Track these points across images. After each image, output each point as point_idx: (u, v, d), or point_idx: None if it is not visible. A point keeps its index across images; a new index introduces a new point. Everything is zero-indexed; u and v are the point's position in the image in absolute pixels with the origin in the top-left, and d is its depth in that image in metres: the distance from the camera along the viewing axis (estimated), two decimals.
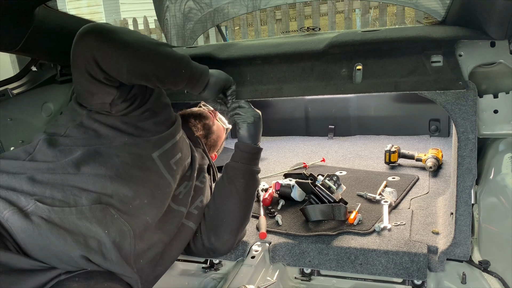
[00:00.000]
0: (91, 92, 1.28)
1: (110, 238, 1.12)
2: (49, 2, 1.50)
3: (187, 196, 1.42)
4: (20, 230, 1.04)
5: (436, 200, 1.79)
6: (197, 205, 1.47)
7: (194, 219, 1.45)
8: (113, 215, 1.16)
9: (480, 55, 1.40)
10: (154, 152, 1.32)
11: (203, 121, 1.80)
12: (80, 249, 1.08)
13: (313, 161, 2.43)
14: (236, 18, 6.66)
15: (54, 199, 1.12)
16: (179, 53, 1.32)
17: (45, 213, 1.08)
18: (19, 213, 1.06)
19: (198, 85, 1.38)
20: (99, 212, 1.13)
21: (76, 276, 1.09)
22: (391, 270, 1.42)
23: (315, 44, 1.61)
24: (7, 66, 3.23)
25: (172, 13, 2.65)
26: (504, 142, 1.40)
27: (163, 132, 1.38)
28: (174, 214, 1.36)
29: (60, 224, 1.08)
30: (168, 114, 1.45)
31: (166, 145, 1.37)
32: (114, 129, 1.30)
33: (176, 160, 1.39)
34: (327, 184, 1.71)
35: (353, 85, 1.48)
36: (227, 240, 1.49)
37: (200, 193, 1.50)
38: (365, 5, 6.08)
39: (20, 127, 1.79)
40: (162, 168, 1.33)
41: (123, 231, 1.16)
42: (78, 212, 1.11)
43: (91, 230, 1.11)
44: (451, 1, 1.64)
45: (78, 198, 1.14)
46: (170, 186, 1.33)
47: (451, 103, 1.39)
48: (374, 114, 2.84)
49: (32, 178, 1.15)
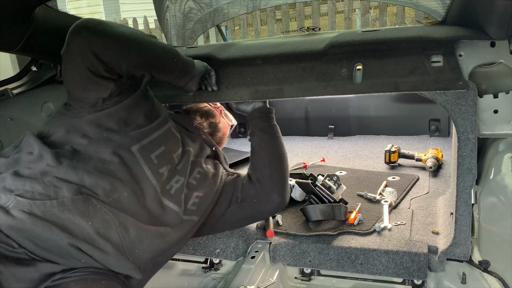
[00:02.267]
0: (88, 89, 1.29)
1: (94, 229, 1.13)
2: (49, 2, 1.50)
3: (179, 192, 1.39)
4: (6, 227, 1.06)
5: (436, 200, 1.79)
6: (194, 201, 1.45)
7: (195, 213, 1.44)
8: (95, 205, 1.16)
9: (480, 55, 1.40)
10: (133, 145, 1.32)
11: (210, 120, 1.82)
12: (67, 237, 1.09)
13: (313, 161, 2.43)
14: (236, 18, 6.66)
15: (35, 193, 1.12)
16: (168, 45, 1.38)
17: (26, 207, 1.09)
18: (1, 211, 1.07)
19: (187, 75, 1.47)
20: (81, 204, 1.14)
21: (72, 276, 1.09)
22: (391, 270, 1.42)
23: (315, 44, 1.61)
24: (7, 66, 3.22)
25: (172, 13, 2.65)
26: (504, 142, 1.40)
27: (146, 126, 1.38)
28: (168, 211, 1.34)
29: (42, 217, 1.09)
30: (150, 107, 1.45)
31: (147, 138, 1.37)
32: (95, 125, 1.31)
33: (158, 154, 1.37)
34: (327, 184, 1.72)
35: (353, 85, 1.48)
36: (287, 190, 1.60)
37: (194, 189, 1.46)
38: (365, 5, 6.08)
39: (20, 127, 1.79)
40: (142, 161, 1.32)
41: (106, 220, 1.16)
42: (59, 205, 1.11)
43: (74, 222, 1.11)
44: (451, 1, 1.64)
45: (59, 190, 1.14)
46: (149, 180, 1.31)
47: (451, 103, 1.39)
48: (374, 114, 2.84)
49: (15, 173, 1.16)
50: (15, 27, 1.43)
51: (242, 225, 1.66)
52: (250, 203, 1.55)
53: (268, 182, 1.55)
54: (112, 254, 1.15)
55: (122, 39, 1.26)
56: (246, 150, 2.73)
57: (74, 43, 1.22)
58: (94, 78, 1.25)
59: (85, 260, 1.12)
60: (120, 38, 1.26)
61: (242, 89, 1.61)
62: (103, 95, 1.30)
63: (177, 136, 1.51)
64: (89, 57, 1.21)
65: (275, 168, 1.58)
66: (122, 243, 1.18)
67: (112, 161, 1.26)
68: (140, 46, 1.29)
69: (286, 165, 1.62)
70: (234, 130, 3.18)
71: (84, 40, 1.21)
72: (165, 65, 1.39)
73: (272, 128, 1.65)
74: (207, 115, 1.81)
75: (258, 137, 1.63)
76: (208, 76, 1.60)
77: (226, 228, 1.63)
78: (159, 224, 1.30)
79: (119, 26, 1.30)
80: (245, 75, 1.62)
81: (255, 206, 1.55)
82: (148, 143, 1.36)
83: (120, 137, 1.31)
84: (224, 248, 1.61)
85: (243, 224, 1.65)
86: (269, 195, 1.54)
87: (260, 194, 1.54)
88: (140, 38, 1.31)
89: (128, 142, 1.32)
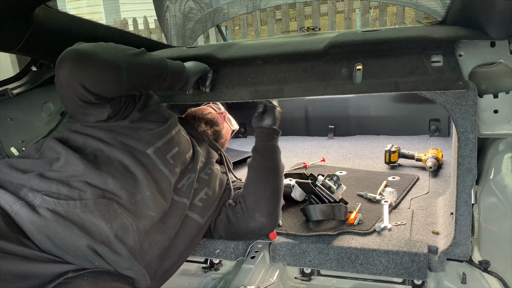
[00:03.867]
0: (85, 114, 1.32)
1: (113, 232, 1.16)
2: (49, 2, 1.50)
3: (189, 188, 1.45)
4: (28, 222, 1.09)
5: (436, 200, 1.79)
6: (202, 197, 1.50)
7: (199, 212, 1.47)
8: (116, 210, 1.19)
9: (480, 55, 1.40)
10: (148, 148, 1.36)
11: (214, 128, 1.85)
12: (86, 238, 1.12)
13: (313, 161, 2.43)
14: (236, 18, 6.65)
15: (60, 194, 1.16)
16: (156, 57, 1.38)
17: (51, 206, 1.12)
18: (27, 207, 1.11)
19: (178, 82, 1.48)
20: (103, 206, 1.17)
21: (84, 275, 1.11)
22: (391, 270, 1.42)
23: (315, 44, 1.61)
24: (7, 66, 3.22)
25: (172, 13, 2.65)
26: (504, 142, 1.40)
27: (155, 129, 1.41)
28: (177, 206, 1.38)
29: (65, 216, 1.12)
30: (158, 111, 1.47)
31: (160, 141, 1.40)
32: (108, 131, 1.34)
33: (173, 154, 1.42)
34: (328, 184, 1.72)
35: (353, 85, 1.48)
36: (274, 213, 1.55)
37: (204, 184, 1.52)
38: (365, 5, 6.08)
39: (20, 127, 1.79)
40: (159, 162, 1.36)
41: (125, 225, 1.19)
42: (82, 205, 1.15)
43: (94, 223, 1.14)
44: (451, 1, 1.64)
45: (83, 193, 1.18)
46: (168, 180, 1.36)
47: (451, 103, 1.39)
48: (374, 114, 2.84)
49: (41, 175, 1.19)
50: (15, 27, 1.43)
51: (230, 239, 1.61)
52: (235, 218, 1.55)
53: (250, 200, 1.54)
54: (126, 258, 1.17)
55: (108, 68, 1.22)
56: (246, 150, 2.73)
57: (61, 76, 1.22)
58: (88, 106, 1.28)
59: (98, 263, 1.14)
60: (105, 67, 1.22)
61: (242, 89, 1.61)
62: (102, 117, 1.33)
63: (187, 137, 1.56)
64: (78, 89, 1.21)
65: (259, 188, 1.55)
66: (137, 248, 1.21)
67: (131, 164, 1.29)
68: (126, 71, 1.25)
69: (274, 187, 1.58)
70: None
71: (70, 74, 1.20)
72: (153, 82, 1.38)
73: (265, 148, 1.64)
74: (211, 124, 1.85)
75: (252, 156, 1.65)
76: (205, 77, 1.61)
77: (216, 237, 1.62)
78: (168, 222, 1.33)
79: (103, 52, 1.24)
80: (245, 75, 1.62)
81: (238, 222, 1.55)
82: (162, 145, 1.40)
83: (134, 141, 1.35)
84: (224, 248, 1.61)
85: (230, 238, 1.60)
86: (251, 214, 1.53)
87: (243, 211, 1.54)
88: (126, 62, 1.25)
89: (143, 146, 1.35)
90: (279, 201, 1.59)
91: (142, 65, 1.31)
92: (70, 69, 1.20)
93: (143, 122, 1.40)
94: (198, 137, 1.70)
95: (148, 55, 1.35)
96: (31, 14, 1.46)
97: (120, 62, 1.24)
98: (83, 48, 1.23)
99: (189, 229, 1.43)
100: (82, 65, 1.20)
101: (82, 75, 1.20)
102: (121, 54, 1.27)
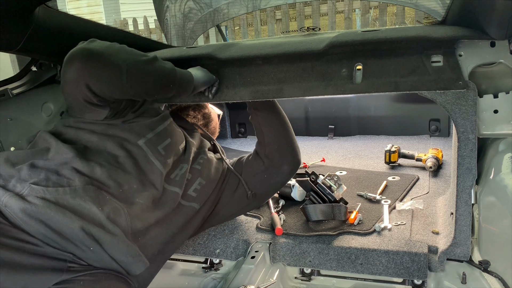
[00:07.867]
0: (84, 111, 1.33)
1: (104, 214, 1.16)
2: (49, 2, 1.50)
3: (182, 178, 1.46)
4: (18, 210, 1.09)
5: (436, 200, 1.79)
6: (196, 187, 1.50)
7: (193, 200, 1.47)
8: (105, 196, 1.20)
9: (480, 55, 1.40)
10: (139, 140, 1.37)
11: (203, 111, 1.88)
12: (79, 220, 1.12)
13: (313, 161, 2.43)
14: (236, 18, 6.65)
15: (48, 181, 1.16)
16: (167, 66, 1.35)
17: (40, 194, 1.12)
18: (16, 197, 1.11)
19: (185, 92, 1.46)
20: (92, 192, 1.18)
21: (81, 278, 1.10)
22: (391, 270, 1.42)
23: (315, 44, 1.61)
24: (7, 66, 3.22)
25: (172, 13, 2.65)
26: (504, 142, 1.40)
27: (147, 121, 1.42)
28: (169, 195, 1.39)
29: (55, 202, 1.12)
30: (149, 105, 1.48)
31: (151, 132, 1.41)
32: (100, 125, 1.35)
33: (165, 146, 1.43)
34: (328, 183, 1.72)
35: (353, 85, 1.48)
36: (297, 152, 1.65)
37: (198, 175, 1.53)
38: (365, 5, 6.08)
39: (20, 127, 1.79)
40: (150, 154, 1.37)
41: (116, 208, 1.20)
42: (71, 191, 1.15)
43: (85, 207, 1.15)
44: (451, 1, 1.64)
45: (72, 181, 1.19)
46: (159, 171, 1.37)
47: (451, 103, 1.39)
48: (374, 114, 2.84)
49: (31, 165, 1.20)
50: (15, 27, 1.43)
51: (253, 207, 1.69)
52: (261, 178, 1.59)
53: (277, 156, 1.60)
54: (121, 239, 1.17)
55: (116, 70, 1.21)
56: (246, 150, 2.73)
57: (68, 73, 1.22)
58: (89, 106, 1.29)
59: (93, 248, 1.13)
60: (113, 69, 1.21)
61: (242, 89, 1.61)
62: (99, 118, 1.34)
63: (179, 130, 1.57)
64: (82, 89, 1.22)
65: (282, 141, 1.61)
66: (130, 230, 1.21)
67: (120, 155, 1.31)
68: (134, 78, 1.24)
69: (290, 133, 1.66)
70: (234, 130, 3.19)
71: (78, 74, 1.20)
72: (159, 92, 1.36)
73: (264, 103, 1.66)
74: (199, 107, 1.88)
75: (255, 116, 1.67)
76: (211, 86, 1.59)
77: (237, 213, 1.67)
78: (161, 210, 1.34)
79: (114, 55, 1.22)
80: (245, 75, 1.62)
81: (265, 181, 1.59)
82: (154, 136, 1.41)
83: (125, 132, 1.35)
84: (224, 248, 1.61)
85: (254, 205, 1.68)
86: (279, 168, 1.58)
87: (270, 169, 1.59)
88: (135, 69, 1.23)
89: (134, 137, 1.36)
90: (297, 147, 1.67)
91: (150, 73, 1.29)
92: (79, 69, 1.20)
93: (135, 118, 1.41)
94: (190, 128, 1.72)
95: (159, 63, 1.32)
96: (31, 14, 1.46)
97: (128, 67, 1.22)
98: (95, 49, 1.21)
99: (186, 216, 1.44)
100: (91, 67, 1.20)
101: (89, 76, 1.20)
102: (132, 60, 1.25)
